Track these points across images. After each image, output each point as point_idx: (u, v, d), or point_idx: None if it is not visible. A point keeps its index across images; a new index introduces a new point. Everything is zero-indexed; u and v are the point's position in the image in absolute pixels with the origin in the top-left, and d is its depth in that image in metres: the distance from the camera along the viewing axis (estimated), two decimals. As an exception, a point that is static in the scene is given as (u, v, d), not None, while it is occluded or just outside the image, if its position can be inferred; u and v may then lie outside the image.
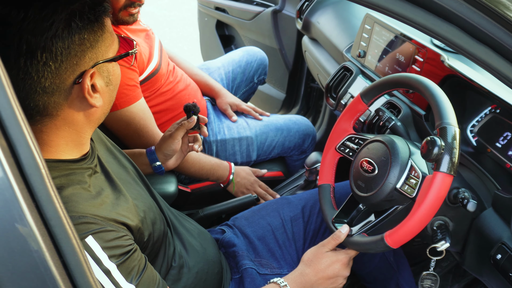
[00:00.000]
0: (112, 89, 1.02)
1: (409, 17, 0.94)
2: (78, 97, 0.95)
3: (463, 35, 0.90)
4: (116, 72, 1.02)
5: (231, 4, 2.86)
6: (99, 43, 0.95)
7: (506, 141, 1.34)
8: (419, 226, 1.10)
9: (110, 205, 0.98)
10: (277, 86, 2.84)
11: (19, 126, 0.62)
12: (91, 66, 0.94)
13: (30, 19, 0.85)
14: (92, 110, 0.99)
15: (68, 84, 0.92)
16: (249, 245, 1.39)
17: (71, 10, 0.88)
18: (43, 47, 0.87)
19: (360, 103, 1.37)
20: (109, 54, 0.98)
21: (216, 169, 1.79)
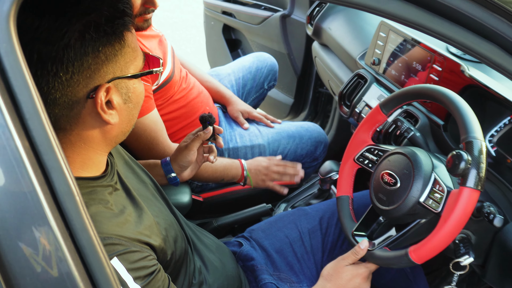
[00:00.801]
0: (132, 107, 0.98)
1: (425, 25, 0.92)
2: (92, 112, 0.91)
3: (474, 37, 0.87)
4: (137, 90, 0.98)
5: (239, 8, 2.84)
6: (117, 57, 0.91)
7: (527, 152, 1.32)
8: (445, 242, 1.08)
9: (133, 224, 0.96)
10: (285, 91, 2.82)
11: (55, 154, 0.60)
12: (107, 80, 0.91)
13: (43, 27, 0.82)
14: (108, 127, 0.95)
15: (80, 97, 0.89)
16: (267, 258, 1.37)
17: (86, 21, 0.85)
18: (54, 57, 0.83)
19: (379, 113, 1.35)
20: (129, 70, 0.94)
21: (229, 169, 1.75)
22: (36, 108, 0.59)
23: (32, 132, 0.59)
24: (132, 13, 0.93)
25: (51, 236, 0.60)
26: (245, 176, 1.77)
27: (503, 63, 0.72)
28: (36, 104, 0.59)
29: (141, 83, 1.00)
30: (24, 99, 0.58)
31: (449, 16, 0.79)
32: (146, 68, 0.99)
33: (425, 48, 1.54)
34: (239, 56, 3.09)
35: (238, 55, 3.09)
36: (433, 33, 0.77)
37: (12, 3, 0.56)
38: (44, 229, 0.60)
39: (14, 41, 0.57)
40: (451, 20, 0.81)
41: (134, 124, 1.03)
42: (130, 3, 0.93)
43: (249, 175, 1.78)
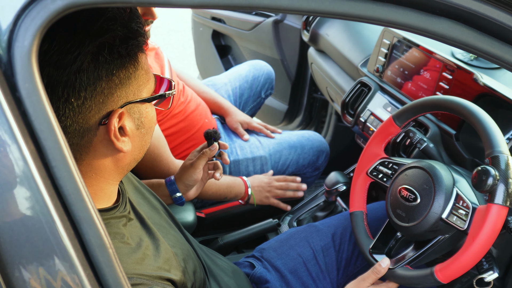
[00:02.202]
0: (144, 132, 0.92)
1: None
2: (104, 139, 0.85)
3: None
4: (150, 114, 0.92)
5: (229, 14, 2.78)
6: (131, 80, 0.85)
7: (543, 160, 1.29)
8: (474, 261, 1.04)
9: (152, 259, 0.90)
10: (279, 98, 2.77)
11: (85, 204, 0.54)
12: (120, 106, 0.84)
13: (53, 50, 0.75)
14: (120, 155, 0.89)
15: (92, 124, 0.83)
16: (282, 279, 1.32)
17: (99, 43, 0.78)
18: (65, 82, 0.77)
19: (392, 125, 1.31)
20: (142, 94, 0.88)
21: (232, 187, 1.71)
22: (63, 154, 0.52)
23: (59, 181, 0.52)
24: (145, 33, 0.87)
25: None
26: (248, 194, 1.73)
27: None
28: (63, 150, 0.52)
29: (153, 107, 0.94)
30: (50, 145, 0.52)
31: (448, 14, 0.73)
32: (156, 91, 0.93)
33: (434, 56, 1.50)
34: (230, 62, 3.03)
35: (228, 61, 3.03)
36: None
37: (34, 37, 0.50)
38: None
39: (37, 80, 0.51)
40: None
41: (146, 150, 0.97)
42: (142, 22, 0.87)
43: (252, 193, 1.74)
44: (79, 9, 0.51)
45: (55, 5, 0.50)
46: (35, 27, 0.50)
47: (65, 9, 0.50)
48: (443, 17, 0.62)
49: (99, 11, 0.79)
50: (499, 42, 0.65)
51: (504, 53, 0.65)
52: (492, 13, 0.61)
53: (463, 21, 0.63)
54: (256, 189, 1.75)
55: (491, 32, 0.64)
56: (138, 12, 0.87)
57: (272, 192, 1.78)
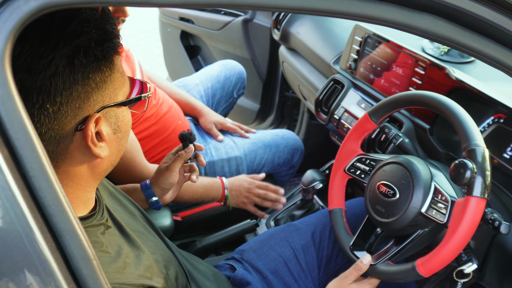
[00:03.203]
0: (121, 137, 0.89)
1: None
2: (80, 146, 0.82)
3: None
4: (126, 118, 0.89)
5: (197, 14, 2.75)
6: (107, 84, 0.83)
7: (515, 151, 1.32)
8: (454, 253, 1.05)
9: (133, 267, 0.87)
10: (250, 97, 2.76)
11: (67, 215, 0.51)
12: (96, 110, 0.82)
13: (26, 54, 0.72)
14: (97, 161, 0.86)
15: (68, 130, 0.80)
16: (263, 280, 1.31)
17: (75, 46, 0.75)
18: (40, 87, 0.73)
19: (368, 122, 1.32)
20: (118, 98, 0.86)
21: (210, 190, 1.66)
22: (41, 163, 0.50)
23: (38, 191, 0.50)
24: (119, 35, 0.84)
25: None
26: (226, 197, 1.68)
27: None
28: (42, 159, 0.50)
29: (128, 111, 0.91)
30: (27, 154, 0.49)
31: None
32: (132, 94, 0.90)
33: (405, 51, 1.52)
34: (199, 63, 3.00)
35: (198, 62, 3.00)
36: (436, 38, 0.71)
37: (7, 41, 0.47)
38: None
39: (12, 86, 0.48)
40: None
41: (121, 154, 0.94)
42: (116, 24, 0.84)
43: (229, 196, 1.69)
44: (54, 10, 0.48)
45: (29, 6, 0.47)
46: (8, 30, 0.47)
47: (39, 10, 0.47)
48: (425, 13, 0.62)
49: (72, 13, 0.76)
50: (479, 36, 0.65)
51: (485, 47, 0.66)
52: (473, 8, 0.61)
53: (445, 16, 0.63)
54: (233, 193, 1.70)
55: (472, 27, 0.64)
56: (111, 13, 0.84)
57: (250, 198, 1.71)
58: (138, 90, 0.93)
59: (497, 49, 0.65)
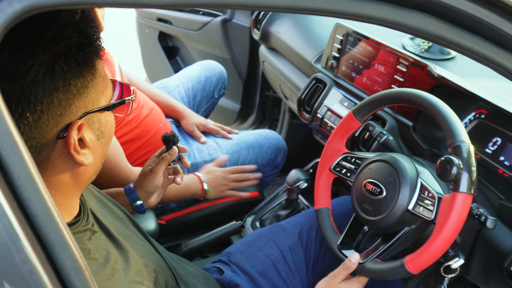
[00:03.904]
0: (105, 142, 0.87)
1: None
2: (63, 154, 0.79)
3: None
4: (109, 123, 0.87)
5: (175, 14, 2.73)
6: (89, 89, 0.80)
7: (497, 146, 1.34)
8: (443, 249, 1.06)
9: (122, 272, 0.85)
10: (231, 98, 2.74)
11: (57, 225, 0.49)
12: (79, 117, 0.79)
13: (3, 62, 0.69)
14: (81, 169, 0.84)
15: (50, 139, 0.77)
16: (252, 282, 1.30)
17: (54, 51, 0.73)
18: (19, 95, 0.71)
19: (353, 120, 1.32)
20: (101, 102, 0.83)
21: (190, 186, 1.67)
22: (29, 172, 0.48)
23: (26, 201, 0.48)
24: (100, 38, 0.82)
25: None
26: (205, 190, 1.69)
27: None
28: (29, 168, 0.48)
29: (112, 115, 0.89)
30: (14, 163, 0.47)
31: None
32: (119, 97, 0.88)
33: (387, 49, 1.52)
34: (178, 64, 2.98)
35: (177, 63, 2.98)
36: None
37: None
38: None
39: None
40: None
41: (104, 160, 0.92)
42: (97, 26, 0.82)
43: (208, 189, 1.71)
44: (39, 12, 0.46)
45: (12, 9, 0.45)
46: (-10, 34, 0.45)
47: (23, 12, 0.45)
48: (415, 10, 0.62)
49: (50, 16, 0.74)
50: (468, 34, 0.65)
51: (473, 44, 0.66)
52: (462, 5, 0.61)
53: (434, 14, 0.63)
54: (212, 185, 1.72)
55: (461, 24, 0.64)
56: (91, 15, 0.82)
57: (228, 185, 1.76)
58: (119, 93, 0.91)
59: (485, 46, 0.66)
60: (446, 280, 1.23)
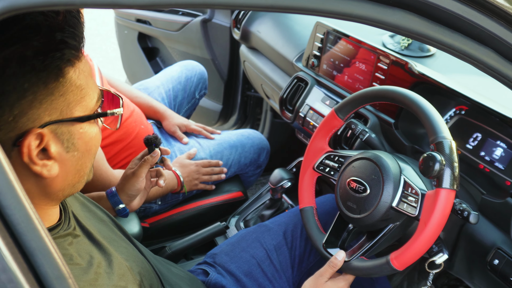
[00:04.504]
0: (79, 156, 0.82)
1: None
2: (22, 162, 0.76)
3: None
4: (86, 136, 0.81)
5: (155, 15, 2.70)
6: (54, 97, 0.75)
7: (477, 142, 1.35)
8: (427, 245, 1.07)
9: (106, 277, 0.84)
10: (212, 98, 2.73)
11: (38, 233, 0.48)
12: (40, 125, 0.75)
13: None
14: (47, 180, 0.80)
15: (4, 143, 0.73)
16: (238, 283, 1.29)
17: (8, 53, 0.70)
18: None
19: (335, 118, 1.32)
20: (73, 113, 0.78)
21: (168, 182, 1.66)
22: (7, 179, 0.46)
23: (6, 209, 0.46)
24: (79, 44, 0.79)
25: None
26: (182, 183, 1.71)
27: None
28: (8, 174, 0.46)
29: (93, 126, 0.84)
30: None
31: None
32: (105, 108, 0.85)
33: (368, 47, 1.53)
34: (159, 65, 2.96)
35: (157, 64, 2.95)
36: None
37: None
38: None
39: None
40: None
41: (88, 173, 0.88)
42: (78, 32, 0.78)
43: (184, 183, 1.72)
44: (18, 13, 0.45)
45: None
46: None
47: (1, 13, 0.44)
48: (397, 8, 0.62)
49: (16, 18, 0.71)
50: (449, 30, 0.65)
51: (454, 41, 0.66)
52: (442, 2, 0.61)
53: (415, 11, 0.63)
54: (186, 179, 1.74)
55: (442, 21, 0.64)
56: (75, 20, 0.78)
57: (200, 178, 1.79)
58: (107, 104, 0.88)
59: (466, 43, 0.66)
60: (431, 276, 1.24)
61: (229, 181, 1.93)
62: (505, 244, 1.17)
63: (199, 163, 1.79)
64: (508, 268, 1.15)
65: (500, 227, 1.21)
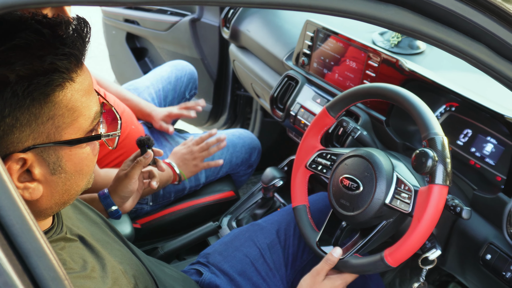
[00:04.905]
0: (67, 177, 0.78)
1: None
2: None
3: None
4: (76, 157, 0.77)
5: (143, 15, 2.69)
6: (40, 120, 0.71)
7: (467, 138, 1.36)
8: (421, 241, 1.07)
9: (100, 281, 0.83)
10: (202, 98, 2.71)
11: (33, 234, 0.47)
12: (23, 149, 0.72)
13: None
14: (31, 202, 0.76)
15: None
16: (232, 283, 1.29)
17: None
18: None
19: (327, 116, 1.32)
20: (62, 136, 0.74)
21: (163, 175, 1.60)
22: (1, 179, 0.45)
23: (0, 210, 0.45)
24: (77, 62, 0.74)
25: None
26: (178, 174, 1.64)
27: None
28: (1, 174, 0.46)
29: (84, 148, 0.79)
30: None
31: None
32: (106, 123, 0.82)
33: (358, 45, 1.53)
34: (147, 65, 2.94)
35: (146, 64, 2.94)
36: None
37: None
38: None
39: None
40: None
41: (80, 190, 0.84)
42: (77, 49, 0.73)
43: (180, 171, 1.66)
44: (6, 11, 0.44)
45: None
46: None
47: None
48: (390, 4, 0.62)
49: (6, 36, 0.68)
50: (442, 26, 0.66)
51: (447, 37, 0.66)
52: (435, -2, 0.62)
53: (409, 7, 0.63)
54: (182, 166, 1.65)
55: (435, 17, 0.64)
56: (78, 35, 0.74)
57: (197, 158, 1.68)
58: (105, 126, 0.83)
59: (459, 38, 0.66)
60: (424, 272, 1.25)
61: (221, 181, 1.92)
62: (497, 239, 1.18)
63: (189, 144, 1.70)
64: (501, 262, 1.16)
65: (492, 222, 1.22)
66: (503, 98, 1.27)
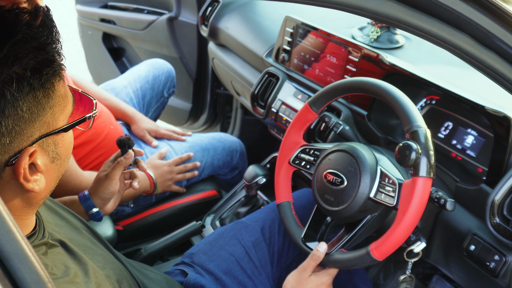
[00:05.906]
0: (61, 163, 0.81)
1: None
2: (12, 180, 0.74)
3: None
4: (66, 142, 0.80)
5: (119, 14, 2.65)
6: (44, 111, 0.73)
7: (448, 130, 1.37)
8: (406, 234, 1.07)
9: (84, 287, 0.80)
10: (181, 97, 2.69)
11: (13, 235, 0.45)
12: (31, 142, 0.73)
13: None
14: (32, 194, 0.78)
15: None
16: (217, 282, 1.27)
17: (6, 76, 0.67)
18: None
19: (309, 112, 1.31)
20: (58, 123, 0.77)
21: (141, 183, 1.60)
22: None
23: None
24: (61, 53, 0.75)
25: None
26: (154, 185, 1.68)
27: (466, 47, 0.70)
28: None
29: (69, 133, 0.82)
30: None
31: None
32: (76, 111, 0.82)
33: (338, 40, 1.53)
34: (125, 65, 2.90)
35: (123, 64, 2.89)
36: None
37: None
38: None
39: None
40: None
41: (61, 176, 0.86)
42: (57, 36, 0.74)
43: (157, 184, 1.69)
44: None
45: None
46: None
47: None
48: (375, -6, 0.61)
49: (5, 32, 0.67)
50: (426, 16, 0.65)
51: (431, 27, 0.66)
52: (419, -13, 0.61)
53: (393, -3, 0.62)
54: (159, 180, 1.70)
55: (419, 7, 0.64)
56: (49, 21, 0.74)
57: (174, 178, 1.75)
58: (81, 108, 0.86)
59: (443, 28, 0.66)
60: (410, 265, 1.25)
61: (204, 181, 1.90)
62: (480, 230, 1.19)
63: (171, 162, 1.76)
64: (484, 253, 1.17)
65: (475, 213, 1.22)
66: (482, 90, 1.28)
